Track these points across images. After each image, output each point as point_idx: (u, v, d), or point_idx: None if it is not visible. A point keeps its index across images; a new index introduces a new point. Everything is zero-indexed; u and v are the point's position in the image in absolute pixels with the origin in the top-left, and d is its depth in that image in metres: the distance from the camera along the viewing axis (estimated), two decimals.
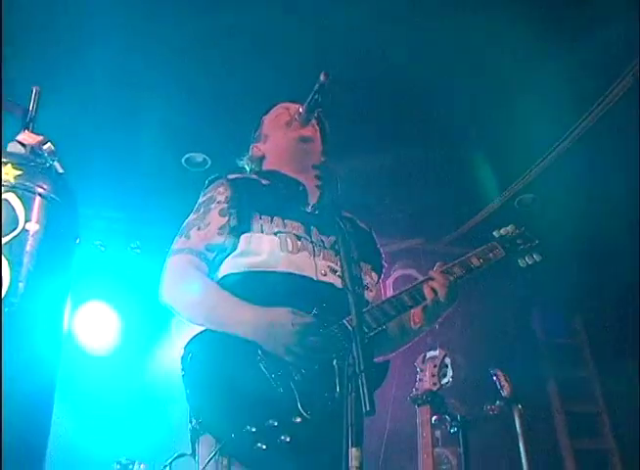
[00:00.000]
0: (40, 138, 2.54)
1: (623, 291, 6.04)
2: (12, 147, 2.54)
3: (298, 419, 2.18)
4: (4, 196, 2.34)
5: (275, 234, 2.53)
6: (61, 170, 2.51)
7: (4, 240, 2.31)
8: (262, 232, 2.53)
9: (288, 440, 2.15)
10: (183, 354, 2.33)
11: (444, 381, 3.86)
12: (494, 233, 2.84)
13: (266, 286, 2.44)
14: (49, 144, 2.51)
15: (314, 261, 2.52)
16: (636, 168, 5.02)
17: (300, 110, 2.66)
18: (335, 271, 2.51)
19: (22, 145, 2.54)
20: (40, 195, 2.44)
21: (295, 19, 4.11)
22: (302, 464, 2.17)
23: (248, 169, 2.93)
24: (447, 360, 3.95)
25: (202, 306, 2.43)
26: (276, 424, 2.16)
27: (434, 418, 3.82)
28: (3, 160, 2.41)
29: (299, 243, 2.54)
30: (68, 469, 4.69)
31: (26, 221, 2.38)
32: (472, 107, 4.81)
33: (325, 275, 2.51)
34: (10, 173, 2.38)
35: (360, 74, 4.38)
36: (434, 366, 3.90)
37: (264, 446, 2.13)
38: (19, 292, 2.30)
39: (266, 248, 2.49)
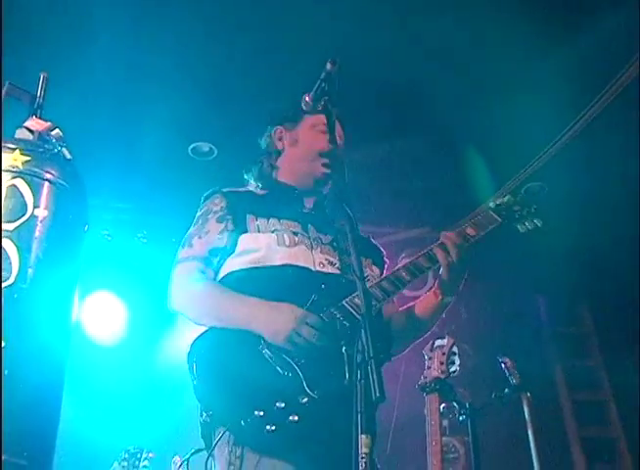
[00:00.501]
0: (48, 124, 2.54)
1: (629, 280, 6.02)
2: (20, 133, 2.54)
3: (305, 399, 2.19)
4: (13, 182, 2.35)
5: (272, 232, 2.57)
6: (69, 156, 2.51)
7: (13, 226, 2.31)
8: (259, 231, 2.58)
9: (296, 419, 2.15)
10: (189, 353, 2.35)
11: (452, 369, 3.85)
12: (490, 203, 2.81)
13: (265, 279, 2.47)
14: (57, 130, 2.51)
15: (312, 254, 2.55)
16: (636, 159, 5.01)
17: (307, 98, 2.65)
18: (333, 264, 2.54)
19: (30, 131, 2.54)
20: (49, 181, 2.44)
21: (299, 13, 4.11)
22: (313, 445, 2.18)
23: (264, 146, 2.92)
24: (455, 348, 3.94)
25: (206, 306, 2.47)
26: (283, 406, 2.17)
27: (442, 406, 3.81)
28: (11, 146, 2.40)
29: (296, 238, 2.58)
30: (77, 458, 4.72)
31: (35, 207, 2.39)
32: (474, 98, 4.79)
33: (323, 267, 2.53)
34: (18, 159, 2.38)
35: (363, 69, 4.36)
36: (443, 354, 3.88)
37: (273, 428, 2.13)
38: (28, 278, 2.31)
39: (264, 244, 2.53)
